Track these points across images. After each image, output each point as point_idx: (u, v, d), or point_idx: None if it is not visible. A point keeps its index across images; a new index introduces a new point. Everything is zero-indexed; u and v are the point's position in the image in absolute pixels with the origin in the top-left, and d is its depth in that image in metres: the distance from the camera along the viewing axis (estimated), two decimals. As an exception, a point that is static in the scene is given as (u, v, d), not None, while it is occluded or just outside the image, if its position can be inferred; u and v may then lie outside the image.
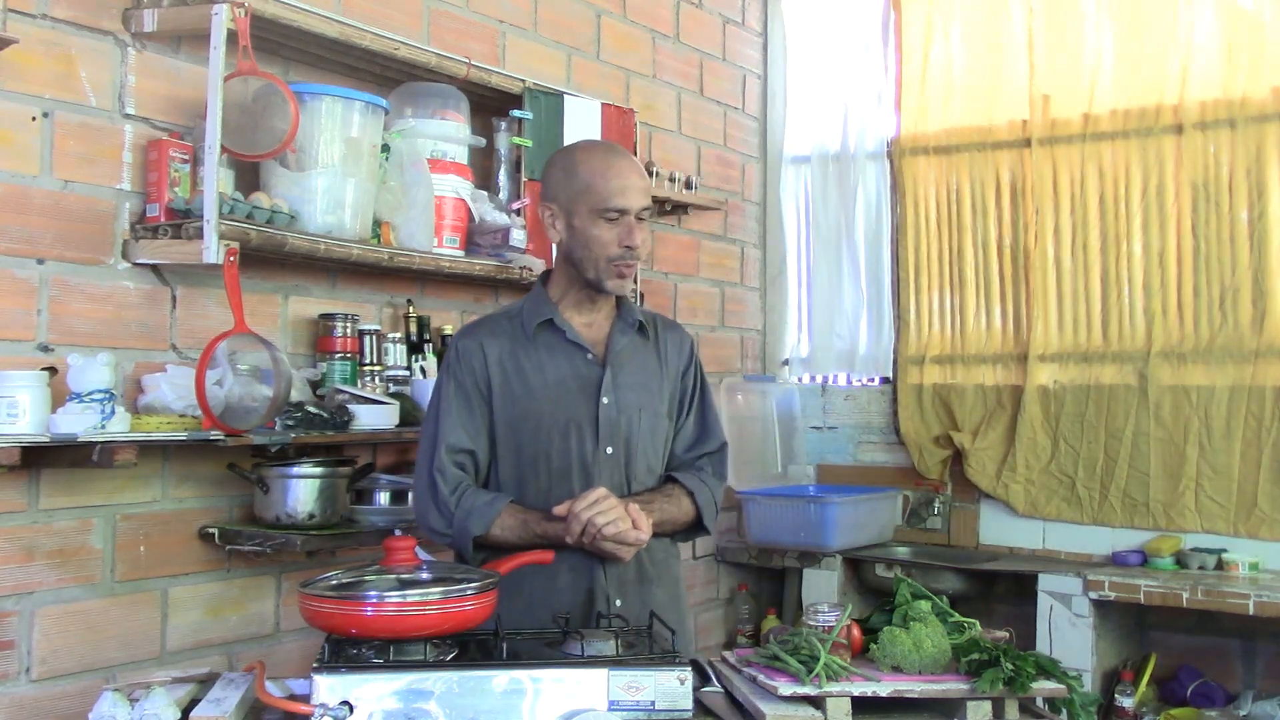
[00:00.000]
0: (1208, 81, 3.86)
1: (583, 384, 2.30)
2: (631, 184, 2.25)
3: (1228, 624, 3.71)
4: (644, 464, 2.35)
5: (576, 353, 2.32)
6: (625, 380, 2.33)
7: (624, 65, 4.01)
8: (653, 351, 2.41)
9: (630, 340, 2.37)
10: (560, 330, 2.31)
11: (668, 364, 2.42)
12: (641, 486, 2.34)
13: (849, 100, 4.57)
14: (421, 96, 3.06)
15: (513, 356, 2.31)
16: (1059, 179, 4.10)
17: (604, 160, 2.28)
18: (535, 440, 2.28)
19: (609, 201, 2.23)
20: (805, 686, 1.89)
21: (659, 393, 2.39)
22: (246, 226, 2.47)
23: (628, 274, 2.28)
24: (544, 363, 2.30)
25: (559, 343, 2.32)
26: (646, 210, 2.28)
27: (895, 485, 4.40)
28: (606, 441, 2.30)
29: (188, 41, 2.62)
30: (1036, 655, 2.00)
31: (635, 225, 2.25)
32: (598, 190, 2.24)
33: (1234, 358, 3.79)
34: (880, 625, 2.11)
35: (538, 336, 2.32)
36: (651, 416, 2.36)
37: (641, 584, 2.33)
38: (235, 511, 2.74)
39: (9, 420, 2.19)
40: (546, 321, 2.32)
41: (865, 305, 4.53)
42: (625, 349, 2.35)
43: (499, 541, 2.24)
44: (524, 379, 2.29)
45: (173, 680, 2.01)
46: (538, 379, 2.29)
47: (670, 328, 2.48)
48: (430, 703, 1.74)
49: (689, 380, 2.46)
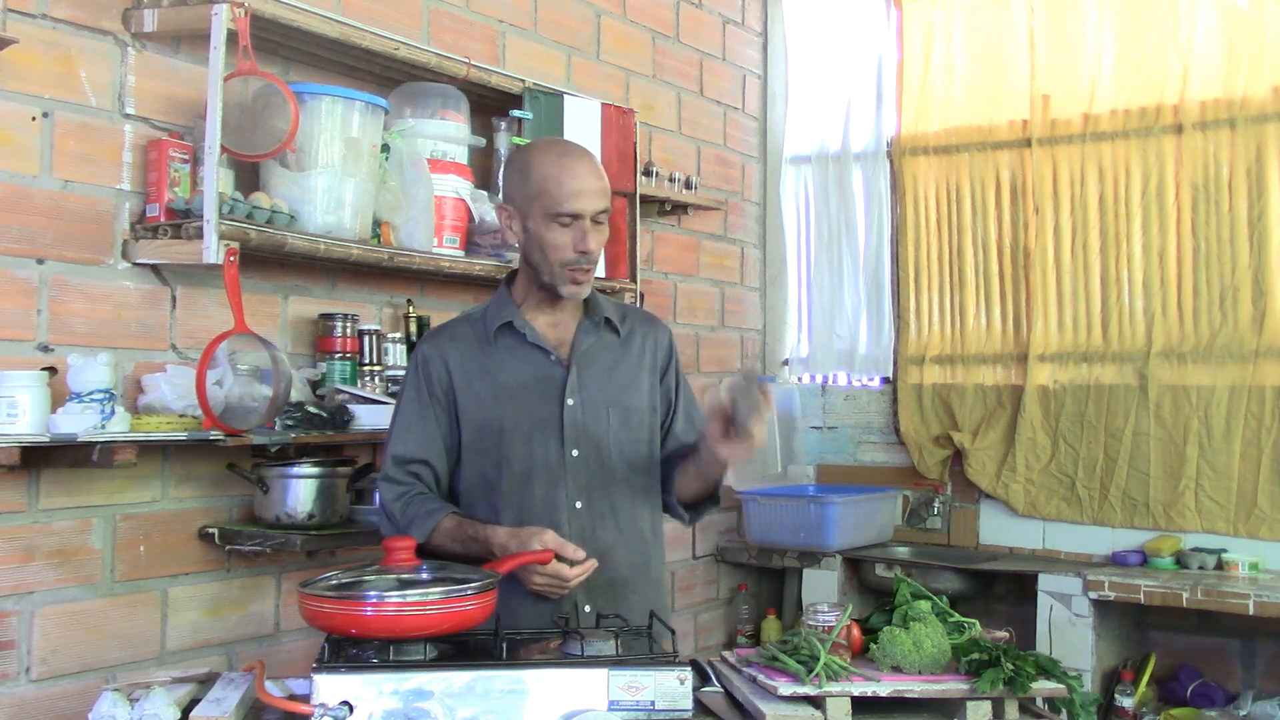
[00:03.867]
0: (1208, 81, 3.86)
1: (545, 386, 2.26)
2: (585, 187, 2.19)
3: (1228, 624, 3.71)
4: (623, 462, 2.30)
5: (538, 354, 2.28)
6: (592, 379, 2.29)
7: (624, 65, 4.01)
8: (624, 347, 2.36)
9: (598, 338, 2.32)
10: (521, 332, 2.28)
11: (644, 359, 2.38)
12: (624, 484, 2.31)
13: (849, 100, 4.57)
14: (421, 96, 3.06)
15: (475, 360, 2.27)
16: (1059, 179, 4.10)
17: (557, 163, 2.21)
18: (499, 445, 2.25)
19: (561, 206, 2.17)
20: (805, 686, 1.89)
21: (633, 388, 2.34)
22: (246, 226, 2.47)
23: (583, 279, 2.23)
24: (505, 366, 2.27)
25: (520, 345, 2.28)
26: (603, 213, 2.22)
27: (895, 485, 4.41)
28: (572, 444, 2.26)
29: (188, 41, 2.62)
30: (1036, 655, 2.00)
31: (590, 230, 2.19)
32: (550, 194, 2.18)
33: (1234, 358, 3.79)
34: (880, 625, 2.12)
35: (499, 339, 2.28)
36: (623, 413, 2.31)
37: (615, 589, 2.28)
38: (235, 511, 2.74)
39: (9, 420, 2.19)
40: (507, 324, 2.28)
41: (865, 305, 4.53)
42: (592, 348, 2.31)
43: (442, 550, 2.20)
44: (486, 384, 2.26)
45: (173, 680, 2.01)
46: (499, 383, 2.26)
47: (646, 322, 2.44)
48: (430, 703, 1.74)
49: (671, 379, 2.42)
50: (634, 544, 2.32)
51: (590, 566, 2.13)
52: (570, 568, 2.10)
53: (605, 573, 2.24)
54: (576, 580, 2.12)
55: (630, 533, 2.32)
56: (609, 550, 2.26)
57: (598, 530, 2.28)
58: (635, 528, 2.34)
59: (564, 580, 2.11)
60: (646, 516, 2.37)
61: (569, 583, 2.11)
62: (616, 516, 2.30)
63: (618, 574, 2.29)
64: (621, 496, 2.31)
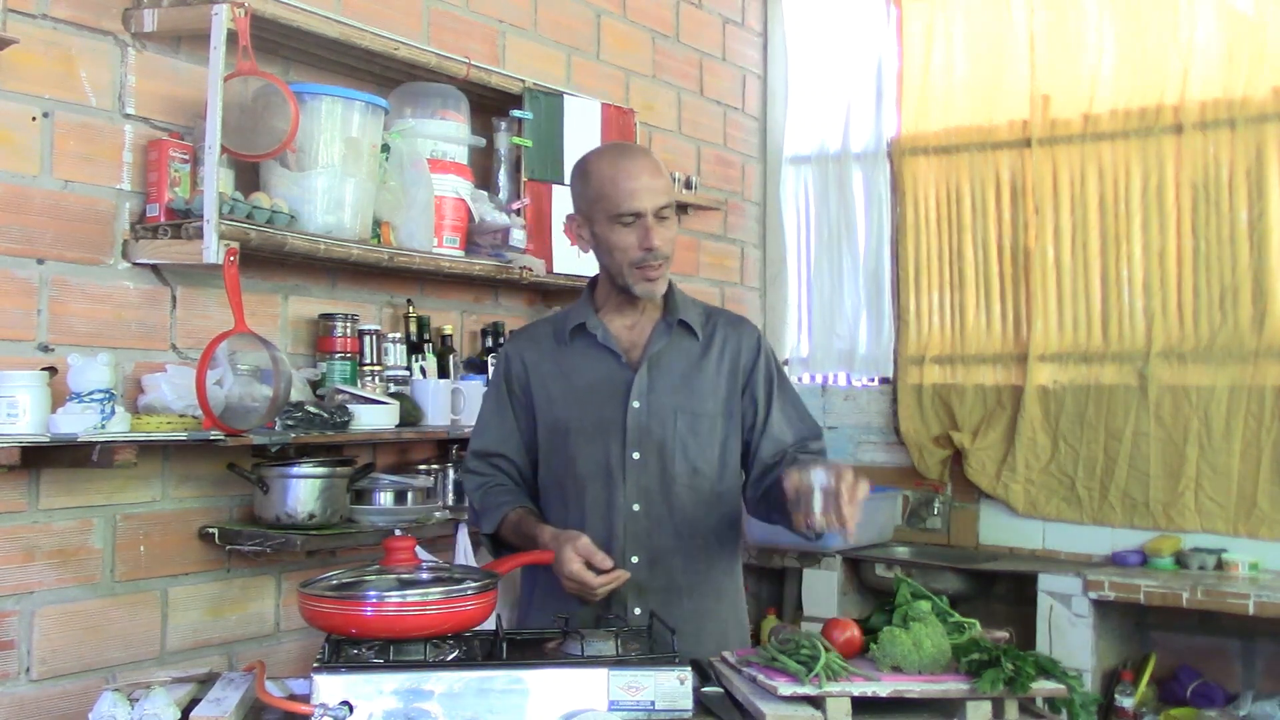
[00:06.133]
0: (1208, 81, 3.86)
1: (613, 388, 2.26)
2: (642, 185, 2.19)
3: (1228, 624, 3.71)
4: (687, 466, 2.27)
5: (609, 356, 2.28)
6: (662, 383, 2.27)
7: (624, 65, 4.01)
8: (702, 350, 2.33)
9: (672, 341, 2.30)
10: (593, 334, 2.28)
11: (724, 362, 2.33)
12: (687, 490, 2.28)
13: (849, 100, 4.57)
14: (421, 96, 3.06)
15: (551, 361, 2.30)
16: (1059, 179, 4.10)
17: (613, 165, 2.22)
18: (566, 445, 2.27)
19: (621, 206, 2.18)
20: (805, 686, 1.89)
21: (707, 393, 2.30)
22: (246, 226, 2.47)
23: (654, 275, 2.22)
24: (577, 367, 2.28)
25: (592, 346, 2.28)
26: (666, 208, 2.21)
27: (895, 485, 4.40)
28: (634, 447, 2.24)
29: (188, 41, 2.62)
30: (1036, 655, 1.99)
31: (653, 226, 2.18)
32: (609, 196, 2.19)
33: (1234, 358, 3.78)
34: (880, 625, 2.11)
35: (573, 341, 2.29)
36: (692, 418, 2.28)
37: (667, 593, 2.25)
38: (235, 511, 2.74)
39: (9, 420, 2.19)
40: (581, 325, 2.29)
41: (865, 305, 4.53)
42: (665, 350, 2.28)
43: (509, 543, 2.26)
44: (559, 384, 2.29)
45: (173, 680, 2.01)
46: (570, 384, 2.28)
47: (731, 324, 2.40)
48: (430, 703, 1.74)
49: (759, 375, 2.36)
50: (693, 550, 2.28)
51: (617, 577, 2.12)
52: (596, 576, 2.10)
53: (660, 577, 2.24)
54: (603, 589, 2.11)
55: (690, 539, 2.28)
56: (665, 555, 2.25)
57: (653, 535, 2.25)
58: (696, 533, 2.29)
59: (589, 587, 2.10)
60: (713, 523, 2.32)
61: (594, 590, 2.10)
62: (675, 521, 2.27)
63: (673, 579, 2.27)
64: (683, 502, 2.28)
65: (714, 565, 2.33)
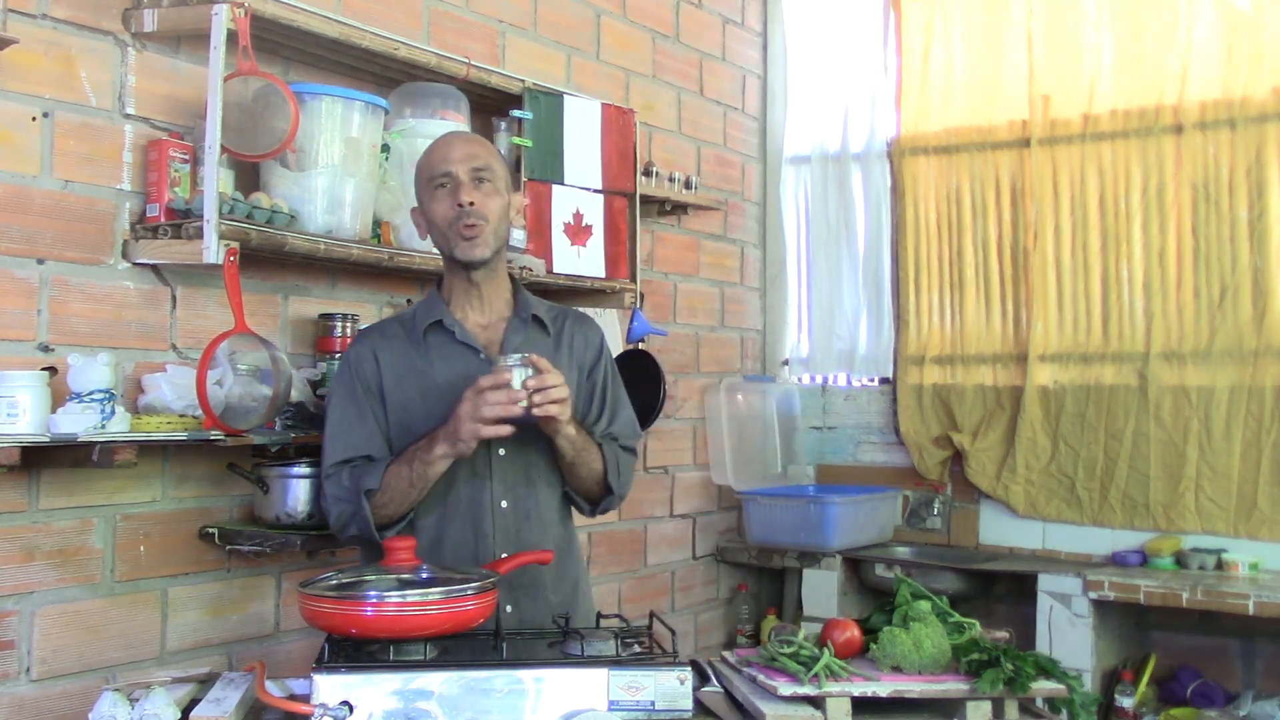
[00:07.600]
0: (1208, 81, 3.87)
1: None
2: (452, 153, 2.25)
3: (1227, 624, 3.71)
4: (547, 461, 2.29)
5: (467, 353, 2.27)
6: None
7: (624, 65, 4.01)
8: (554, 344, 2.35)
9: (526, 337, 2.32)
10: (449, 331, 2.28)
11: (573, 356, 2.37)
12: (547, 485, 2.30)
13: (849, 100, 4.57)
14: (421, 96, 3.05)
15: (405, 359, 2.28)
16: (1059, 179, 4.10)
17: (433, 144, 2.31)
18: None
19: (432, 171, 2.25)
20: (805, 686, 1.89)
21: None
22: (246, 226, 2.47)
23: (471, 235, 2.22)
24: (434, 365, 2.27)
25: (449, 344, 2.28)
26: (484, 173, 2.24)
27: (895, 485, 4.41)
28: (499, 444, 2.24)
29: (188, 41, 2.62)
30: (1036, 655, 2.00)
31: (465, 185, 2.22)
32: (423, 169, 2.28)
33: (1234, 358, 3.79)
34: (880, 625, 2.12)
35: (428, 339, 2.29)
36: None
37: (534, 590, 2.27)
38: (235, 511, 2.74)
39: (9, 420, 2.19)
40: (436, 323, 2.28)
41: (865, 305, 4.53)
42: (520, 347, 2.28)
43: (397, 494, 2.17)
44: (415, 382, 2.26)
45: (173, 680, 2.01)
46: (428, 382, 2.26)
47: (580, 322, 2.44)
48: (430, 703, 1.74)
49: (597, 376, 2.40)
50: (554, 544, 2.31)
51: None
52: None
53: (527, 573, 2.24)
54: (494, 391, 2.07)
55: (551, 533, 2.32)
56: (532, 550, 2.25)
57: (521, 531, 2.27)
58: (555, 528, 2.34)
59: (480, 389, 2.08)
60: (567, 514, 2.39)
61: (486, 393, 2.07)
62: (541, 517, 2.30)
63: (538, 576, 2.28)
64: (545, 497, 2.32)
65: (566, 558, 2.37)
